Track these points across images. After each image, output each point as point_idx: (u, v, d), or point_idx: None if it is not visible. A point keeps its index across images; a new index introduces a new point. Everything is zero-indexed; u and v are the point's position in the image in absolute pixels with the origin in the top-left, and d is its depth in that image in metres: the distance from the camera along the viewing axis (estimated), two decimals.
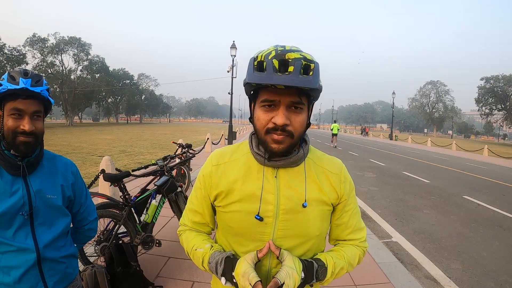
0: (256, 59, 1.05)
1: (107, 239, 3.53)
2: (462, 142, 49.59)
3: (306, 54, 1.03)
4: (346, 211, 1.26)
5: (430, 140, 39.92)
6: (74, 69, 60.01)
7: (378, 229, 6.15)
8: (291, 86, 0.99)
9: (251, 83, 1.05)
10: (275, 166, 1.16)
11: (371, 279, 3.93)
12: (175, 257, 4.23)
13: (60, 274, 1.55)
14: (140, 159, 13.35)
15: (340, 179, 1.23)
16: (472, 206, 8.34)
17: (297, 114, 1.07)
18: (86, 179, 8.74)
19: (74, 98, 56.97)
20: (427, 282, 4.15)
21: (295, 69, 0.98)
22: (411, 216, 7.15)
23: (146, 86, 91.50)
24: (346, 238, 1.30)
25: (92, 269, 3.05)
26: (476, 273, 4.53)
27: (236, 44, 22.85)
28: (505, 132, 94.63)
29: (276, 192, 1.14)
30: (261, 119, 1.08)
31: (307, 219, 1.15)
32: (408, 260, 4.81)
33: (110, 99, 76.74)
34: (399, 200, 8.63)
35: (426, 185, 11.10)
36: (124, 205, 3.68)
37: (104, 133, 31.98)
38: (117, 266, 3.21)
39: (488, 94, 61.74)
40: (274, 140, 1.06)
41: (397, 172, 13.75)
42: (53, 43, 55.24)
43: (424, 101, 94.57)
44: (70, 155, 13.76)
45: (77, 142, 20.76)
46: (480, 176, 14.06)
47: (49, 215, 1.49)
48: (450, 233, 6.10)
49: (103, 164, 5.83)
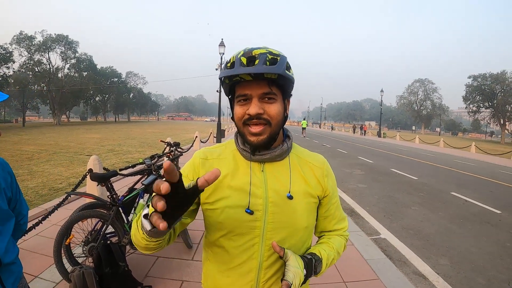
0: (229, 61, 1.12)
1: (95, 240, 3.49)
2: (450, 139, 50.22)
3: (273, 49, 1.09)
4: (333, 204, 1.33)
5: (418, 138, 40.32)
6: (61, 67, 58.96)
7: (367, 226, 6.17)
8: (258, 75, 1.05)
9: (225, 80, 1.11)
10: (261, 161, 1.20)
11: (360, 276, 3.95)
12: (164, 256, 4.21)
13: (14, 275, 1.53)
14: (129, 158, 13.24)
15: (323, 172, 1.29)
16: (460, 202, 8.44)
17: (270, 103, 1.11)
18: (74, 179, 8.68)
19: (62, 96, 56.12)
20: (415, 278, 4.18)
21: (259, 61, 1.04)
22: (400, 212, 7.20)
23: (134, 84, 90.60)
24: (332, 228, 1.38)
25: (80, 270, 3.02)
26: (464, 268, 4.58)
27: (224, 42, 22.77)
28: (492, 129, 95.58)
29: (264, 186, 1.18)
30: (237, 113, 1.14)
31: (294, 211, 1.18)
32: (396, 257, 4.84)
33: (98, 97, 75.76)
34: (387, 197, 8.69)
35: (414, 182, 11.19)
36: (111, 205, 3.65)
37: (92, 132, 31.66)
38: (105, 266, 3.19)
39: (476, 92, 62.34)
40: (251, 133, 1.11)
41: (385, 169, 13.84)
42: (40, 40, 54.21)
43: (412, 98, 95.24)
44: (58, 155, 13.63)
45: (64, 141, 20.51)
46: (467, 172, 14.25)
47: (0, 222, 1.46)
48: (438, 229, 6.16)
49: (90, 163, 5.77)
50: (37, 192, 7.18)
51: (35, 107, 58.97)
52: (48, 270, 3.70)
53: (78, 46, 60.26)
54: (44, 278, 3.54)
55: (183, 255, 4.28)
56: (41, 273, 3.63)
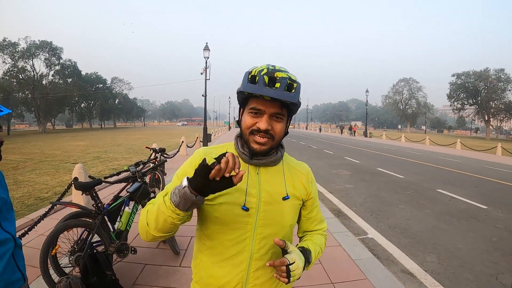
0: (250, 73, 1.25)
1: (81, 249, 3.45)
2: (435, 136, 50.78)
3: (291, 75, 1.25)
4: (315, 207, 1.55)
5: (404, 136, 40.66)
6: (46, 74, 58.31)
7: (354, 226, 6.21)
8: (276, 99, 1.20)
9: (244, 92, 1.24)
10: (257, 165, 1.37)
11: (347, 276, 3.97)
12: (152, 263, 4.19)
13: (23, 259, 1.77)
14: (115, 165, 13.14)
15: (308, 179, 1.50)
16: (446, 199, 8.54)
17: (278, 122, 1.29)
18: (60, 187, 8.60)
19: (47, 104, 55.51)
20: (403, 276, 4.22)
21: (281, 85, 1.20)
22: (386, 211, 7.26)
23: (119, 90, 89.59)
24: (313, 229, 1.57)
25: (67, 280, 2.99)
26: (451, 265, 4.63)
27: (209, 46, 22.73)
28: (477, 125, 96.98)
29: (258, 187, 1.34)
30: (247, 122, 1.30)
31: (283, 211, 1.37)
32: (384, 256, 4.88)
33: (83, 104, 75.18)
34: (374, 196, 8.75)
35: (401, 180, 11.30)
36: (97, 214, 3.62)
37: (77, 139, 31.35)
38: (92, 276, 3.16)
39: (460, 89, 63.15)
40: (256, 141, 1.28)
41: (372, 169, 13.94)
42: (24, 47, 53.70)
43: (397, 98, 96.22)
44: (43, 163, 13.47)
45: (50, 149, 20.29)
46: (453, 169, 14.43)
47: (6, 212, 1.67)
48: (425, 227, 6.22)
49: (75, 172, 5.71)
50: (23, 202, 7.09)
51: (20, 115, 58.09)
52: (36, 281, 3.65)
53: (62, 52, 59.86)
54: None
55: (171, 262, 4.25)
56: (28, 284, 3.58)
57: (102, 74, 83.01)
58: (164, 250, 4.63)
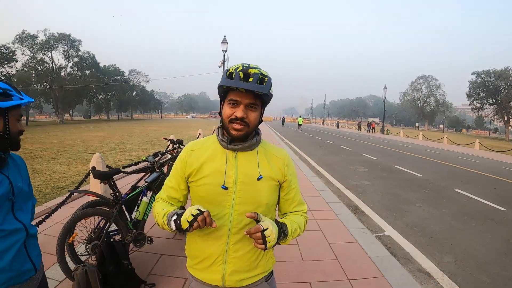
0: (228, 70, 1.48)
1: (98, 238, 3.48)
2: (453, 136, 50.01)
3: (263, 71, 1.49)
4: (292, 188, 1.69)
5: (422, 134, 40.06)
6: (64, 66, 59.19)
7: (371, 223, 6.15)
8: (249, 90, 1.43)
9: (223, 86, 1.48)
10: (235, 149, 1.58)
11: (364, 273, 3.94)
12: (168, 254, 4.21)
13: (37, 249, 1.80)
14: (132, 156, 13.26)
15: (284, 163, 1.67)
16: (464, 199, 8.40)
17: (252, 111, 1.52)
18: (77, 177, 8.70)
19: (65, 95, 56.31)
20: (420, 276, 4.16)
21: (253, 79, 1.43)
22: (403, 210, 7.18)
23: (137, 82, 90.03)
24: (293, 210, 1.72)
25: (84, 268, 3.00)
26: (469, 266, 4.56)
27: (227, 39, 22.72)
28: (496, 126, 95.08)
29: (235, 169, 1.55)
30: (227, 112, 1.51)
31: (258, 190, 1.56)
32: (400, 254, 4.82)
33: (101, 95, 75.95)
34: (391, 194, 8.66)
35: (418, 178, 11.15)
36: (114, 203, 3.64)
37: (95, 130, 31.70)
38: (109, 264, 3.18)
39: (480, 88, 61.97)
40: (234, 128, 1.49)
41: (389, 166, 13.81)
42: (42, 39, 54.40)
43: (415, 95, 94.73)
44: (61, 153, 13.66)
45: (68, 139, 20.56)
46: (471, 169, 14.17)
47: (22, 201, 1.71)
48: (442, 227, 6.13)
49: (93, 161, 5.75)
50: (40, 190, 7.19)
51: (38, 105, 59.06)
52: (51, 268, 3.69)
53: (81, 44, 60.41)
54: (47, 277, 3.50)
55: None
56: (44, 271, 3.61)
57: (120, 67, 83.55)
58: (180, 241, 4.66)
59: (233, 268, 1.56)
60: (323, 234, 5.21)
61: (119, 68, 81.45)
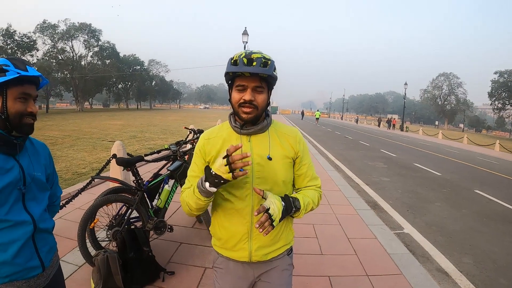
0: (232, 58, 1.54)
1: (119, 224, 3.52)
2: (473, 136, 49.05)
3: (265, 55, 1.55)
4: (304, 164, 1.75)
5: (442, 133, 39.44)
6: (84, 55, 60.06)
7: (390, 220, 6.10)
8: (254, 74, 1.50)
9: (229, 73, 1.55)
10: (248, 134, 1.65)
11: (382, 270, 3.91)
12: (187, 243, 4.25)
13: (48, 245, 1.68)
14: (151, 145, 13.40)
15: (295, 140, 1.73)
16: (484, 200, 8.27)
17: (259, 94, 1.58)
18: (97, 164, 8.82)
19: (85, 84, 57.07)
20: (438, 275, 4.13)
21: (257, 63, 1.49)
22: (423, 208, 7.10)
23: (156, 72, 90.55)
24: (306, 185, 1.78)
25: (105, 254, 3.05)
26: (487, 268, 4.49)
27: (248, 31, 22.65)
28: None
29: (250, 151, 1.62)
30: (235, 97, 1.58)
31: (274, 169, 1.64)
32: (419, 252, 4.78)
33: (120, 85, 76.61)
34: (410, 191, 8.58)
35: (438, 177, 11.01)
36: (136, 190, 3.68)
37: (114, 119, 32.14)
38: (130, 251, 3.22)
39: (502, 88, 60.71)
40: (244, 111, 1.56)
41: (408, 164, 13.67)
42: (63, 29, 55.28)
43: (436, 93, 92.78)
44: (81, 140, 13.88)
45: (87, 127, 20.89)
46: (491, 171, 13.92)
47: (36, 191, 1.61)
48: (461, 227, 6.05)
49: (114, 148, 5.81)
50: (60, 176, 7.31)
51: (59, 94, 59.95)
52: (71, 253, 3.77)
53: (101, 34, 61.04)
54: (67, 261, 3.60)
55: (206, 242, 4.30)
56: (64, 256, 3.69)
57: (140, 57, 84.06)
58: (200, 230, 4.70)
59: (258, 244, 1.65)
60: (342, 228, 5.19)
61: (139, 58, 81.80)
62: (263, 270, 1.76)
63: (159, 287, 3.26)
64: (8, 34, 44.49)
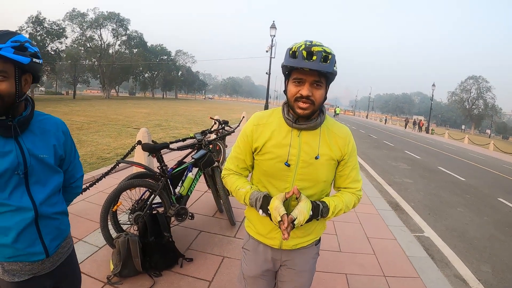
0: (291, 49, 1.49)
1: (141, 209, 3.59)
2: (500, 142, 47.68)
3: (326, 48, 1.47)
4: (348, 166, 1.72)
5: (468, 138, 38.57)
6: (112, 44, 60.96)
7: (410, 222, 6.04)
8: (314, 70, 1.43)
9: (287, 66, 1.50)
10: (299, 128, 1.62)
11: (400, 272, 3.89)
12: (207, 231, 4.31)
13: (55, 231, 1.61)
14: (175, 133, 13.56)
15: (345, 142, 1.68)
16: (507, 209, 8.05)
17: (317, 89, 1.52)
18: (121, 149, 8.98)
19: (112, 72, 58.09)
20: (456, 282, 4.06)
21: (317, 58, 1.42)
22: (444, 212, 6.99)
23: (183, 63, 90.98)
24: (346, 186, 1.76)
25: (126, 237, 3.13)
26: (506, 278, 4.39)
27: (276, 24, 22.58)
28: None
29: (298, 147, 1.61)
30: (292, 91, 1.54)
31: (317, 168, 1.63)
32: (438, 257, 4.71)
33: (147, 74, 77.33)
34: (432, 194, 8.45)
35: (461, 182, 10.79)
36: (160, 176, 3.74)
37: (140, 107, 32.55)
38: (150, 235, 3.29)
39: None
40: (299, 107, 1.52)
41: (432, 166, 13.45)
42: (92, 18, 56.29)
43: (464, 96, 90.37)
44: (106, 126, 14.15)
45: (113, 114, 21.24)
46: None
47: (42, 174, 1.53)
48: (482, 234, 5.93)
49: (140, 135, 5.94)
50: (85, 160, 7.50)
51: (86, 80, 61.21)
52: (92, 234, 3.87)
53: (129, 23, 61.78)
54: (88, 242, 3.70)
55: (226, 232, 4.36)
56: (85, 237, 3.80)
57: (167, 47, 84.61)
58: (220, 219, 4.75)
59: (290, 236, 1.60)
60: (362, 227, 5.17)
61: (166, 48, 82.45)
62: (290, 257, 1.79)
63: (176, 272, 3.31)
64: (38, 21, 45.43)
